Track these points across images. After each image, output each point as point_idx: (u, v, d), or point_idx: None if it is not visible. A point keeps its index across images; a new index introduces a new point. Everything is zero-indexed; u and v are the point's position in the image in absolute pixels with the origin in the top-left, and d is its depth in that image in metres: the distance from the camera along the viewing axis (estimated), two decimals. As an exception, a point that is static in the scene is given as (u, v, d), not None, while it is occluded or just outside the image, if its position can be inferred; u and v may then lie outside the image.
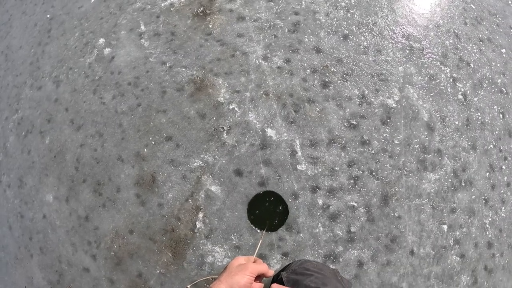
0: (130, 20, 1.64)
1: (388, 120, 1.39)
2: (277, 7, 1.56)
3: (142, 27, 1.61)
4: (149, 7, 1.65)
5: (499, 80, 1.57)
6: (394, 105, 1.41)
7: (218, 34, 1.53)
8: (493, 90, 1.55)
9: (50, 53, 1.67)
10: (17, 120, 1.63)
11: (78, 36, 1.67)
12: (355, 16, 1.55)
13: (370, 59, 1.47)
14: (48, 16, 1.74)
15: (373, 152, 1.35)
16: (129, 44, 1.59)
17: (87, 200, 1.43)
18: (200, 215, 1.31)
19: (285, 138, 1.33)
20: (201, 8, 1.60)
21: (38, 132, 1.56)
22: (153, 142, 1.40)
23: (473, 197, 1.41)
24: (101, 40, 1.62)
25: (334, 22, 1.52)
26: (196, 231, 1.31)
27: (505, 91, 1.57)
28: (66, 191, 1.46)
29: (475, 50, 1.59)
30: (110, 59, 1.58)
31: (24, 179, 1.54)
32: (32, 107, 1.61)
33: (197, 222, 1.30)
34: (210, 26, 1.55)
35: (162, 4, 1.64)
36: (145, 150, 1.41)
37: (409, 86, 1.45)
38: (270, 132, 1.34)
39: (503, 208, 1.46)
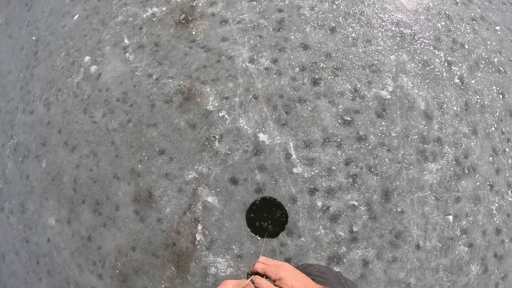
0: (114, 34, 1.62)
1: (384, 113, 1.35)
2: (260, 6, 1.52)
3: (126, 41, 1.59)
4: (131, 19, 1.63)
5: (495, 59, 1.51)
6: (388, 96, 1.37)
7: (202, 40, 1.50)
8: (490, 71, 1.49)
9: (38, 76, 1.67)
10: (13, 146, 1.64)
11: (64, 56, 1.66)
12: (341, 6, 1.50)
13: (360, 50, 1.43)
14: (33, 38, 1.73)
15: (370, 147, 1.31)
16: (115, 59, 1.57)
17: (88, 221, 1.43)
18: (199, 227, 1.30)
19: (278, 142, 1.30)
20: (183, 15, 1.57)
21: (34, 156, 1.57)
22: (146, 157, 1.39)
23: (478, 183, 1.37)
24: (87, 58, 1.61)
25: (320, 16, 1.48)
26: (196, 243, 1.30)
27: (503, 70, 1.51)
28: (67, 213, 1.47)
29: (469, 30, 1.52)
30: (97, 77, 1.56)
31: (25, 205, 1.55)
32: (26, 132, 1.61)
33: (197, 235, 1.30)
34: (194, 32, 1.52)
35: (144, 15, 1.62)
36: (139, 166, 1.40)
37: (403, 75, 1.41)
38: (262, 137, 1.31)
39: (510, 192, 1.42)
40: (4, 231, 1.60)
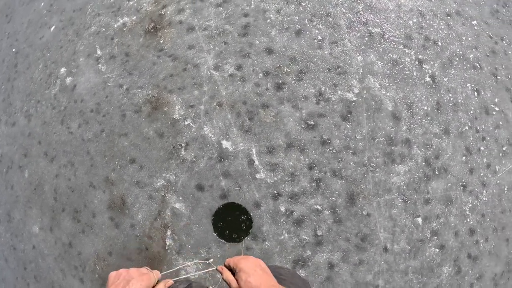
0: (87, 45, 1.66)
1: (349, 116, 1.34)
2: (226, 12, 1.52)
3: (99, 52, 1.62)
4: (104, 29, 1.66)
5: (471, 55, 1.46)
6: (354, 99, 1.35)
7: (169, 48, 1.52)
8: (465, 67, 1.44)
9: (19, 88, 1.73)
10: (-2, 158, 1.73)
11: (42, 68, 1.71)
12: (308, 8, 1.48)
13: (326, 52, 1.41)
14: (13, 50, 1.80)
15: (334, 151, 1.31)
16: (88, 71, 1.61)
17: (68, 228, 1.50)
18: (169, 232, 1.34)
19: (241, 148, 1.32)
20: (152, 24, 1.59)
21: (17, 167, 1.64)
22: (119, 166, 1.44)
23: (449, 184, 1.35)
24: (63, 70, 1.66)
25: (286, 19, 1.46)
26: (167, 248, 1.34)
27: (478, 66, 1.45)
28: (49, 221, 1.54)
29: (443, 27, 1.47)
30: (72, 88, 1.61)
31: (11, 214, 1.64)
32: (9, 144, 1.69)
33: (167, 240, 1.34)
34: (161, 41, 1.54)
35: (115, 25, 1.64)
36: (113, 174, 1.44)
37: (370, 76, 1.38)
38: (225, 144, 1.33)
39: (484, 191, 1.38)
40: (-7, 239, 1.71)
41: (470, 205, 1.37)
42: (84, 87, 1.59)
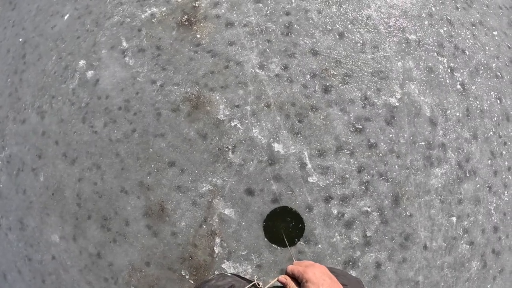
0: (110, 36, 1.52)
1: (393, 120, 1.38)
2: (266, 8, 1.47)
3: (124, 44, 1.49)
4: (129, 20, 1.53)
5: (493, 65, 1.57)
6: (396, 104, 1.40)
7: (208, 44, 1.44)
8: (489, 76, 1.55)
9: (28, 82, 1.54)
10: (5, 158, 1.52)
11: (55, 59, 1.54)
12: (348, 11, 1.48)
13: (369, 57, 1.43)
14: (20, 40, 1.58)
15: (380, 154, 1.34)
16: (113, 64, 1.48)
17: (96, 237, 1.37)
18: (217, 239, 1.29)
19: (293, 151, 1.30)
20: (185, 17, 1.49)
21: (30, 169, 1.47)
22: (155, 170, 1.35)
23: (478, 186, 1.45)
24: (82, 62, 1.50)
25: (328, 20, 1.46)
26: (215, 256, 1.29)
27: (500, 75, 1.57)
28: (72, 230, 1.40)
29: (469, 36, 1.57)
30: (94, 83, 1.47)
31: (24, 221, 1.46)
32: (19, 143, 1.50)
33: (215, 247, 1.29)
34: (198, 36, 1.46)
35: (142, 16, 1.52)
36: (149, 178, 1.35)
37: (409, 82, 1.43)
38: (277, 146, 1.30)
39: (506, 192, 1.51)
40: (3, 249, 1.51)
41: (494, 205, 1.48)
42: (109, 82, 1.45)
